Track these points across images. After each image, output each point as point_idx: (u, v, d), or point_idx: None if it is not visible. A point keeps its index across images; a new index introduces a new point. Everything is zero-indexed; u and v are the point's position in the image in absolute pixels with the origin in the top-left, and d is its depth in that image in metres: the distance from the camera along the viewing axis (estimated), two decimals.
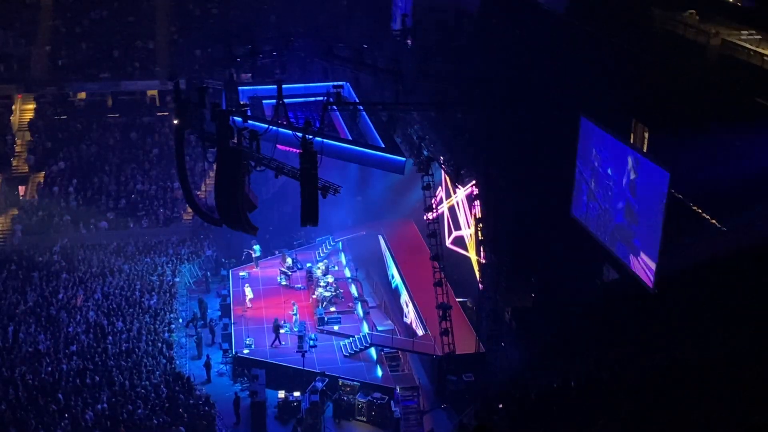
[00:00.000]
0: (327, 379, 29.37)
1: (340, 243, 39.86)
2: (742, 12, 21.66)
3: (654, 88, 21.65)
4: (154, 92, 47.63)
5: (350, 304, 34.88)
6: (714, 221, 20.78)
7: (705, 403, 17.86)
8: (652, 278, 20.72)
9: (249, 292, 35.03)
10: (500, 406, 25.51)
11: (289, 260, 37.60)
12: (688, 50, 21.75)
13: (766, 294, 18.12)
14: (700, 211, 21.21)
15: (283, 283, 36.72)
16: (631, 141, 23.43)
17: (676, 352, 20.36)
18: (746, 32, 20.95)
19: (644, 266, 21.12)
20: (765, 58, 19.68)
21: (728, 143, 19.49)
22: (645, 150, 22.54)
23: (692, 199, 21.22)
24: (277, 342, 31.76)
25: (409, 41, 38.56)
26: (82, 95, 47.16)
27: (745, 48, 20.40)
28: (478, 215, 29.97)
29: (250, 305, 34.71)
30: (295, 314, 33.10)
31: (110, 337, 30.78)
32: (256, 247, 37.71)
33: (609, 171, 22.85)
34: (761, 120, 18.63)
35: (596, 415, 20.27)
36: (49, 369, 28.50)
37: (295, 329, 32.20)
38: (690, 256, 21.03)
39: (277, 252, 38.92)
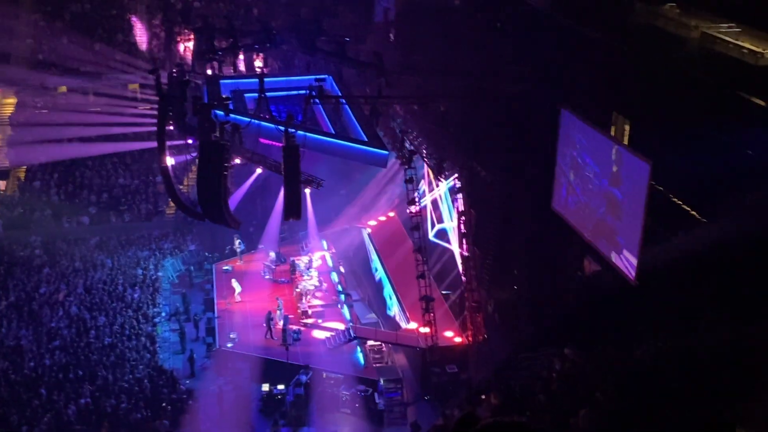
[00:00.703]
0: (311, 372, 29.39)
1: (324, 237, 39.85)
2: (722, 4, 21.79)
3: (635, 81, 21.76)
4: (136, 86, 47.31)
5: (334, 298, 34.91)
6: (695, 213, 20.96)
7: (687, 394, 18.03)
8: (633, 271, 20.88)
9: (237, 286, 34.94)
10: (483, 397, 25.64)
11: (272, 254, 37.56)
12: (668, 43, 21.86)
13: (747, 286, 18.30)
14: (681, 203, 21.38)
15: (267, 276, 36.68)
16: (612, 133, 23.56)
17: (658, 343, 20.53)
18: (726, 25, 21.07)
19: (626, 260, 21.28)
20: (744, 50, 19.81)
21: (709, 136, 19.64)
22: (626, 142, 22.68)
23: (673, 191, 21.38)
24: (269, 335, 31.73)
25: (391, 34, 38.56)
26: (64, 89, 46.77)
27: (725, 40, 20.53)
28: (461, 208, 30.05)
29: (239, 299, 34.63)
30: (280, 309, 33.06)
31: (93, 332, 30.68)
32: (239, 242, 37.65)
33: (589, 164, 22.98)
34: (741, 112, 18.79)
35: (578, 406, 20.41)
36: (32, 364, 28.38)
37: (280, 323, 32.18)
38: (671, 248, 21.21)
39: (260, 246, 38.87)
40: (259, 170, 33.60)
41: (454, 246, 31.80)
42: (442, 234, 33.37)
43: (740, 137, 18.68)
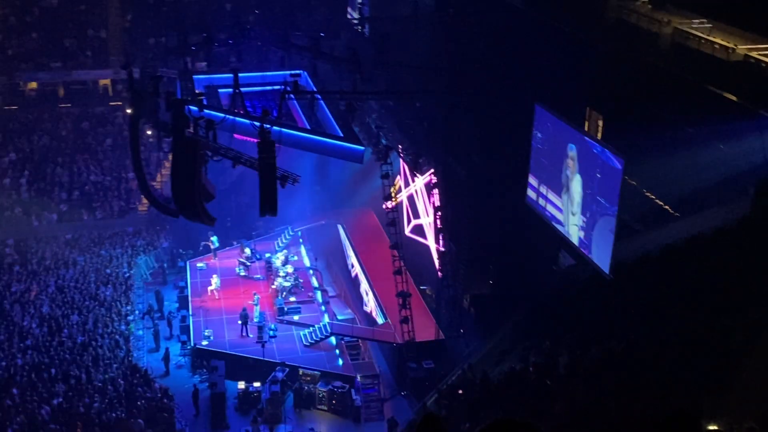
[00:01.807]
0: (287, 369, 29.31)
1: (299, 233, 39.73)
2: (694, 1, 22.02)
3: (608, 77, 21.91)
4: (107, 81, 46.83)
5: (310, 294, 34.84)
6: (668, 208, 21.18)
7: (661, 386, 18.21)
8: (608, 265, 21.04)
9: (216, 282, 34.71)
10: (460, 392, 25.72)
11: (247, 251, 37.37)
12: (640, 39, 22.04)
13: (719, 280, 18.51)
14: (654, 197, 21.59)
15: (242, 273, 36.50)
16: (586, 129, 23.72)
17: (631, 336, 20.71)
18: (698, 21, 21.30)
19: (600, 254, 21.43)
20: (716, 46, 20.02)
21: (681, 130, 19.84)
22: (599, 137, 22.84)
23: (647, 186, 21.58)
24: (245, 332, 31.58)
25: (366, 29, 38.49)
26: (34, 85, 46.17)
27: (697, 36, 20.74)
28: (437, 203, 30.11)
29: (217, 296, 34.39)
30: (257, 305, 32.88)
31: (65, 331, 30.31)
32: (214, 238, 37.39)
33: (563, 159, 23.11)
34: (712, 107, 18.99)
35: (555, 399, 20.54)
36: (3, 364, 27.95)
37: (256, 320, 32.04)
38: (645, 242, 21.42)
39: (235, 242, 38.65)
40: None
41: (430, 241, 31.86)
42: (419, 229, 33.41)
43: (712, 132, 18.90)
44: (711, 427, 14.42)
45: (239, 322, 31.78)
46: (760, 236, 17.68)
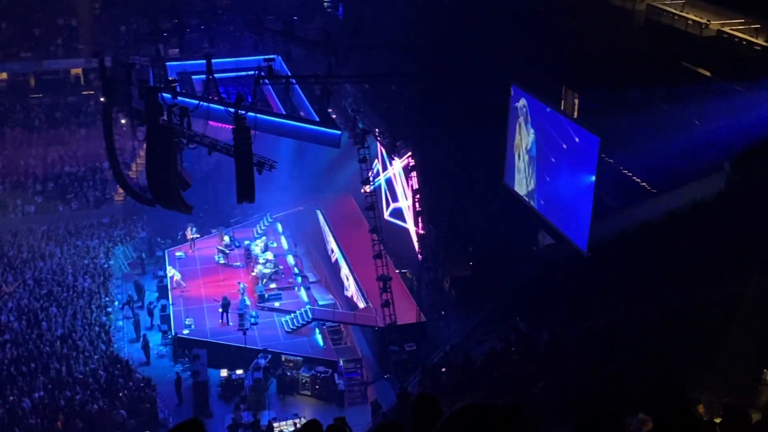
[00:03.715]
0: (270, 356, 29.26)
1: (278, 219, 39.57)
2: None
3: (583, 55, 21.94)
4: (79, 71, 46.20)
5: (290, 280, 34.73)
6: (645, 185, 21.30)
7: (641, 361, 18.39)
8: (585, 243, 21.15)
9: (176, 274, 34.42)
10: (443, 370, 25.86)
11: (226, 238, 37.16)
12: (615, 16, 22.08)
13: (696, 256, 18.68)
14: (631, 174, 21.70)
15: (221, 261, 36.32)
16: (562, 108, 23.75)
17: (611, 313, 20.89)
18: None
19: (579, 232, 21.53)
20: (689, 21, 20.11)
21: (656, 107, 19.92)
22: (575, 116, 22.89)
23: (623, 163, 21.68)
24: (225, 320, 31.45)
25: (339, 12, 38.20)
26: (3, 75, 45.49)
27: (670, 12, 20.81)
28: (415, 186, 30.07)
29: (184, 285, 34.16)
30: (243, 293, 32.69)
31: (44, 323, 30.03)
32: (192, 229, 37.09)
33: (540, 138, 23.14)
34: (686, 83, 19.07)
35: (537, 378, 20.70)
36: None
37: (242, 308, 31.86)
38: (622, 219, 21.54)
39: (213, 230, 38.42)
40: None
41: (410, 224, 31.84)
42: (398, 213, 33.37)
43: (687, 108, 19.00)
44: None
45: (220, 310, 31.65)
46: (735, 211, 17.85)
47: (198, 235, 37.45)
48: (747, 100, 17.68)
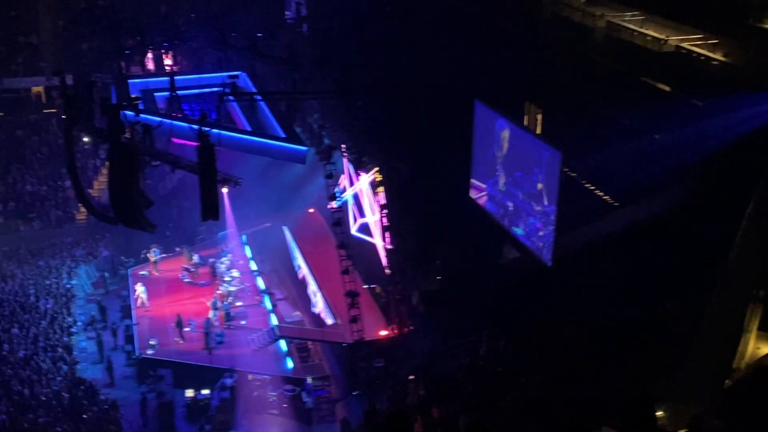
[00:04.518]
0: (236, 375, 28.95)
1: (244, 236, 39.31)
2: None
3: (544, 71, 22.16)
4: (40, 89, 45.63)
5: (257, 298, 34.50)
6: (608, 198, 21.51)
7: (607, 372, 18.53)
8: (550, 255, 21.30)
9: (141, 291, 33.98)
10: (411, 377, 25.79)
11: (195, 257, 36.68)
12: (575, 33, 22.35)
13: (659, 267, 18.89)
14: (594, 188, 21.91)
15: (187, 280, 35.94)
16: (525, 123, 23.96)
17: (577, 325, 21.02)
18: (630, 13, 21.68)
19: (543, 245, 21.69)
20: (648, 38, 20.41)
21: (617, 122, 20.16)
22: (538, 131, 23.10)
23: (586, 177, 21.88)
24: (179, 338, 31.12)
25: (304, 28, 38.21)
26: None
27: (630, 29, 21.11)
28: (382, 202, 30.07)
29: (147, 305, 33.71)
30: (214, 308, 32.40)
31: (6, 345, 29.45)
32: (154, 251, 36.53)
33: (504, 153, 23.31)
34: (646, 98, 19.35)
35: (505, 390, 20.75)
36: None
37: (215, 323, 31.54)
38: (586, 232, 21.72)
39: (177, 248, 38.02)
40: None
41: (377, 239, 31.82)
42: (365, 228, 33.34)
43: (647, 122, 19.26)
44: (658, 413, 14.69)
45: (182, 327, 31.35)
46: (697, 222, 18.10)
47: (161, 256, 36.92)
48: (706, 113, 17.98)
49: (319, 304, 33.40)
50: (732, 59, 18.24)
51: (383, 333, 30.14)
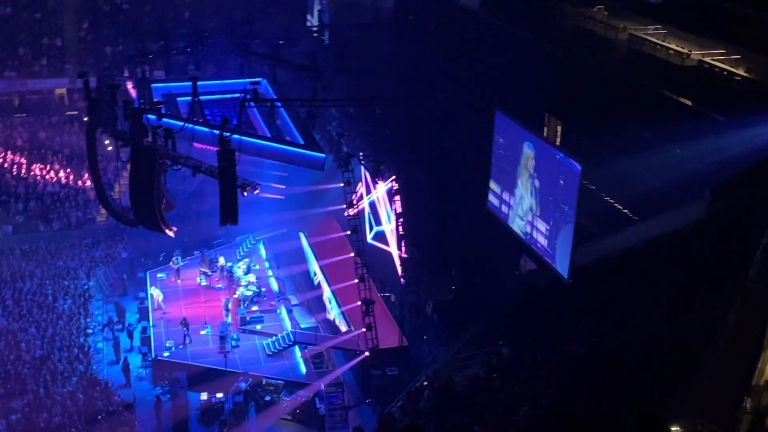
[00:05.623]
0: (250, 379, 29.03)
1: (261, 241, 39.46)
2: (649, 7, 22.41)
3: (566, 83, 22.17)
4: (63, 91, 46.13)
5: (272, 303, 34.59)
6: (627, 212, 21.45)
7: (623, 388, 18.41)
8: (567, 269, 21.22)
9: (158, 294, 34.19)
10: (425, 383, 25.73)
11: (221, 260, 36.80)
12: (597, 45, 22.35)
13: (677, 282, 18.79)
14: (612, 201, 21.86)
15: (203, 283, 36.11)
16: (545, 134, 23.95)
17: (593, 339, 20.91)
18: (653, 27, 21.67)
19: (560, 258, 21.61)
20: (671, 51, 20.39)
21: (638, 135, 20.12)
22: (558, 143, 23.07)
23: (605, 190, 21.84)
24: (186, 340, 31.25)
25: (326, 37, 38.46)
26: None
27: (652, 42, 21.10)
28: (399, 210, 30.12)
29: (164, 307, 33.90)
30: (227, 309, 32.60)
31: (23, 344, 29.69)
32: (177, 258, 36.66)
33: (524, 164, 23.29)
34: (667, 112, 19.30)
35: (519, 403, 20.65)
36: None
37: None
38: (604, 246, 21.65)
39: (196, 252, 38.21)
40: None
41: (393, 248, 31.86)
42: (381, 236, 33.40)
43: (668, 136, 19.21)
44: (674, 428, 14.59)
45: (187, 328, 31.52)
46: (716, 239, 18.01)
47: (183, 263, 36.97)
48: (728, 128, 17.91)
49: (333, 311, 33.46)
50: (754, 75, 18.18)
51: (397, 341, 30.12)
